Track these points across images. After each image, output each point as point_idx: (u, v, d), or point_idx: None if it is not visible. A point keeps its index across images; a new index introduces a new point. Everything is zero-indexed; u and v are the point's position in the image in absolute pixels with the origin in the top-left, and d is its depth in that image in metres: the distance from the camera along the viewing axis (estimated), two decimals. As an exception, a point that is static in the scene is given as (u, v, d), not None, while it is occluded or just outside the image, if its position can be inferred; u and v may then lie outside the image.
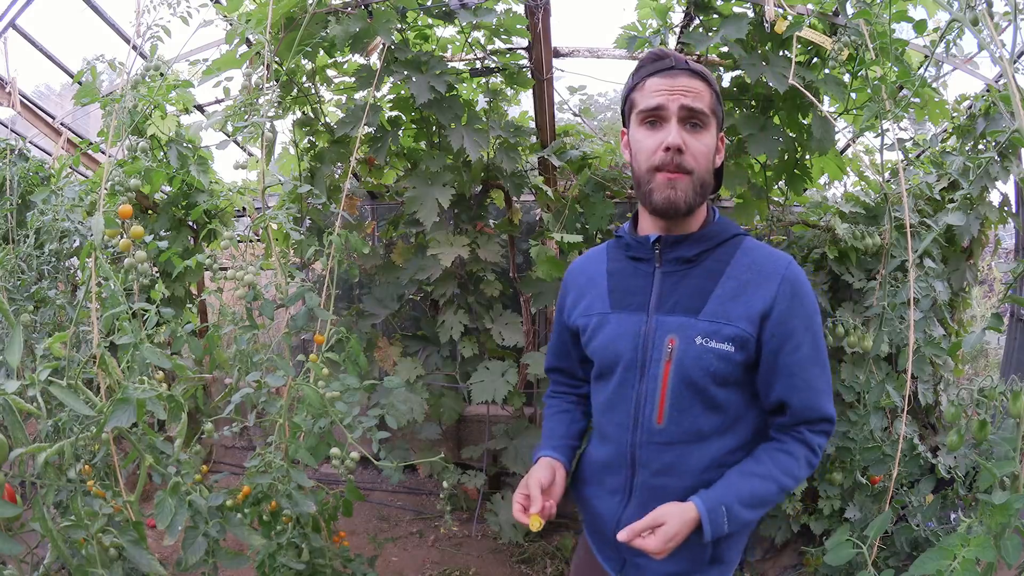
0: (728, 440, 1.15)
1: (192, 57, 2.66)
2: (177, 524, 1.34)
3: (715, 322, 1.10)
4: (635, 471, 1.18)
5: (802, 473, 1.14)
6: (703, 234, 1.16)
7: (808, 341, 1.12)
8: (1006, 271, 1.44)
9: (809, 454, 1.15)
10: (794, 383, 1.11)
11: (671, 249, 1.16)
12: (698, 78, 1.12)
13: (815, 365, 1.13)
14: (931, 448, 2.42)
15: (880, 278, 2.22)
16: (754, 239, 1.19)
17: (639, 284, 1.19)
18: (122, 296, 1.40)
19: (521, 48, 2.56)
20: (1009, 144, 2.17)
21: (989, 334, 1.39)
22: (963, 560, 1.09)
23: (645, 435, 1.15)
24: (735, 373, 1.11)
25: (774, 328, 1.10)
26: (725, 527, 1.09)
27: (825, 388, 1.15)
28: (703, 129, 1.11)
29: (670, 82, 1.10)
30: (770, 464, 1.13)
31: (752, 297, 1.10)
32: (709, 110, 1.11)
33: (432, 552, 2.97)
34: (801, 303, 1.11)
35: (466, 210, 2.91)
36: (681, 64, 1.12)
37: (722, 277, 1.13)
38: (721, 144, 1.18)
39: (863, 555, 1.31)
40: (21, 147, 2.58)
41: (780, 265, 1.12)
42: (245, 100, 2.04)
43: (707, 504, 1.09)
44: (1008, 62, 1.32)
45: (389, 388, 1.84)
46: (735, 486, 1.11)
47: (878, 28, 1.81)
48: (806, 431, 1.15)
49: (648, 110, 1.11)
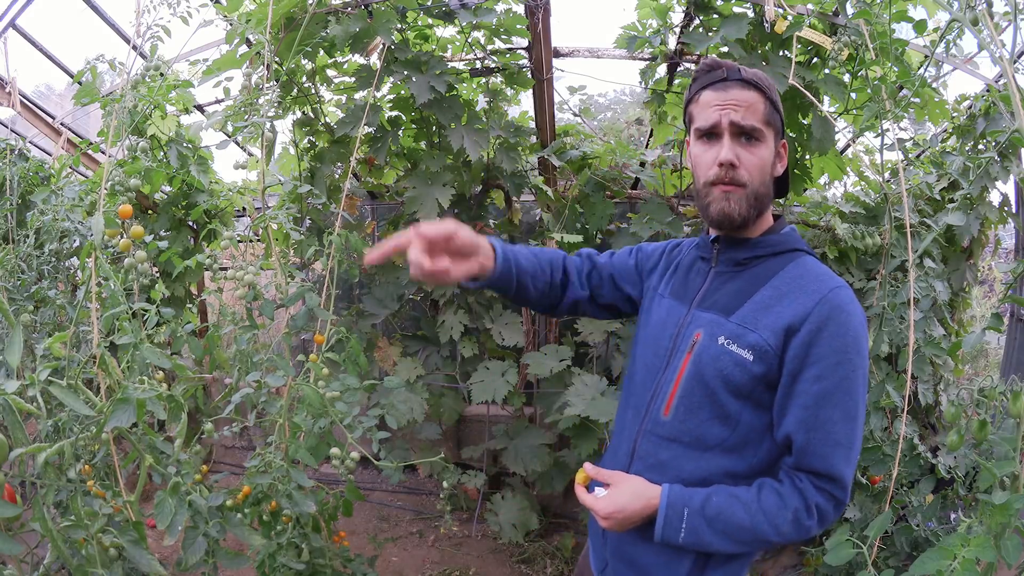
0: (731, 461, 1.08)
1: (192, 57, 2.67)
2: (177, 524, 1.34)
3: (742, 326, 1.07)
4: (632, 460, 1.16)
5: (786, 528, 1.01)
6: (759, 240, 1.15)
7: (835, 378, 1.00)
8: (1006, 271, 1.44)
9: (802, 510, 1.01)
10: (806, 417, 1.01)
11: (727, 250, 1.17)
12: (751, 88, 1.09)
13: (837, 409, 1.01)
14: (931, 448, 2.41)
15: (880, 278, 2.22)
16: (816, 259, 1.14)
17: (695, 280, 1.20)
18: (122, 296, 1.40)
19: (521, 48, 2.57)
20: (1009, 144, 2.17)
21: (989, 334, 1.38)
22: (963, 560, 1.09)
23: (650, 424, 1.14)
24: (750, 386, 1.05)
25: (798, 348, 1.02)
26: (680, 534, 1.02)
27: (844, 443, 1.01)
28: (757, 142, 1.09)
29: (723, 95, 1.09)
30: (758, 498, 1.03)
31: (784, 309, 1.05)
32: (762, 123, 1.09)
33: (432, 552, 2.97)
34: (836, 333, 1.01)
35: (466, 210, 2.91)
36: (734, 75, 1.10)
37: (765, 285, 1.10)
38: (783, 151, 1.16)
39: (863, 555, 1.31)
40: (21, 147, 2.58)
41: (825, 285, 1.05)
42: (245, 100, 2.04)
43: (672, 498, 1.04)
44: (1008, 62, 1.32)
45: (389, 388, 1.84)
46: (710, 499, 1.03)
47: (878, 28, 1.81)
48: (807, 481, 1.02)
49: (703, 129, 1.11)
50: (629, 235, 2.63)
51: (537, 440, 2.88)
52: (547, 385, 2.87)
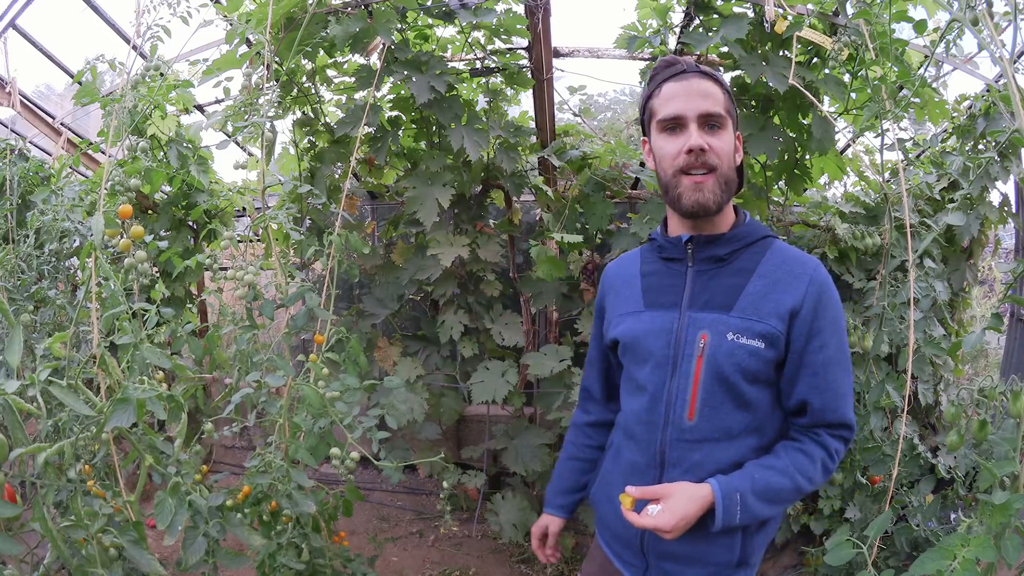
0: (754, 439, 1.16)
1: (192, 57, 2.67)
2: (177, 524, 1.34)
3: (747, 319, 1.12)
4: (664, 470, 1.17)
5: (817, 476, 1.14)
6: (734, 234, 1.19)
7: (834, 343, 1.13)
8: (1006, 271, 1.45)
9: (826, 458, 1.14)
10: (817, 383, 1.13)
11: (703, 248, 1.19)
12: (710, 80, 1.15)
13: (839, 367, 1.14)
14: (931, 448, 2.41)
15: (880, 278, 2.22)
16: (783, 242, 1.22)
17: (672, 283, 1.21)
18: (122, 296, 1.40)
19: (521, 48, 2.56)
20: (1009, 144, 2.17)
21: (989, 334, 1.39)
22: (963, 560, 1.09)
23: (675, 433, 1.16)
24: (765, 370, 1.13)
25: (802, 326, 1.12)
26: (737, 516, 1.08)
27: (847, 392, 1.16)
28: (721, 129, 1.15)
29: (685, 85, 1.14)
30: (788, 460, 1.13)
31: (782, 295, 1.13)
32: (724, 111, 1.15)
33: (432, 552, 2.97)
34: (827, 304, 1.14)
35: (466, 210, 2.91)
36: (692, 68, 1.16)
37: (753, 275, 1.15)
38: (739, 142, 1.21)
39: (863, 555, 1.31)
40: (21, 147, 2.58)
41: (809, 267, 1.15)
42: (245, 100, 2.04)
43: (723, 488, 1.09)
44: (1008, 62, 1.32)
45: (389, 388, 1.84)
46: (752, 476, 1.11)
47: (878, 28, 1.81)
48: (825, 434, 1.15)
49: (668, 119, 1.15)
50: (629, 235, 2.63)
51: (537, 440, 2.88)
52: (547, 385, 2.87)
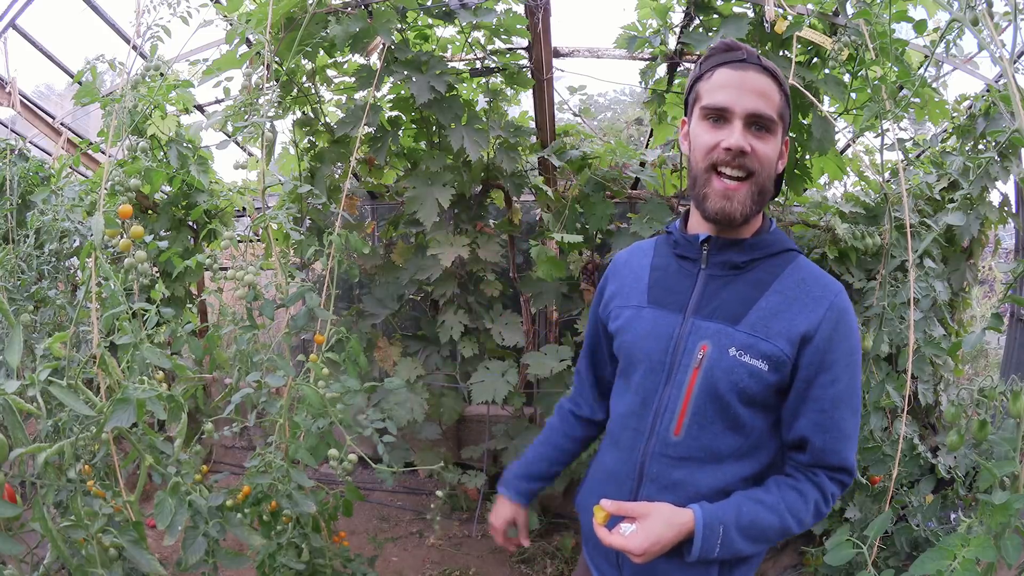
0: (743, 467, 1.08)
1: (192, 57, 2.66)
2: (177, 524, 1.34)
3: (753, 335, 1.03)
4: (641, 483, 1.10)
5: (808, 519, 1.05)
6: (756, 242, 1.09)
7: (846, 379, 1.04)
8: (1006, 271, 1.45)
9: (820, 500, 1.06)
10: (822, 421, 1.03)
11: (720, 252, 1.09)
12: (770, 77, 1.04)
13: (847, 407, 1.05)
14: (931, 448, 2.41)
15: (880, 278, 2.22)
16: (806, 258, 1.12)
17: (681, 283, 1.12)
18: (122, 296, 1.40)
19: (521, 48, 2.56)
20: (1009, 144, 2.17)
21: (989, 334, 1.38)
22: (963, 560, 1.09)
23: (659, 446, 1.08)
24: (764, 394, 1.04)
25: (813, 355, 1.02)
26: (716, 550, 1.00)
27: (852, 435, 1.06)
28: (768, 133, 1.04)
29: (740, 76, 1.03)
30: (779, 497, 1.04)
31: (796, 316, 1.02)
32: (777, 114, 1.04)
33: (432, 552, 2.97)
34: (845, 335, 1.04)
35: (466, 210, 2.91)
36: (754, 59, 1.04)
37: (768, 290, 1.05)
38: (785, 148, 1.10)
39: (863, 555, 1.31)
40: (21, 147, 2.58)
41: (831, 291, 1.05)
42: (245, 100, 2.04)
43: (706, 518, 1.01)
44: (1008, 62, 1.32)
45: (389, 388, 1.84)
46: (740, 509, 1.02)
47: (878, 28, 1.81)
48: (823, 475, 1.06)
49: (712, 107, 1.03)
50: (629, 235, 2.63)
51: (537, 440, 2.88)
52: (547, 385, 2.87)
